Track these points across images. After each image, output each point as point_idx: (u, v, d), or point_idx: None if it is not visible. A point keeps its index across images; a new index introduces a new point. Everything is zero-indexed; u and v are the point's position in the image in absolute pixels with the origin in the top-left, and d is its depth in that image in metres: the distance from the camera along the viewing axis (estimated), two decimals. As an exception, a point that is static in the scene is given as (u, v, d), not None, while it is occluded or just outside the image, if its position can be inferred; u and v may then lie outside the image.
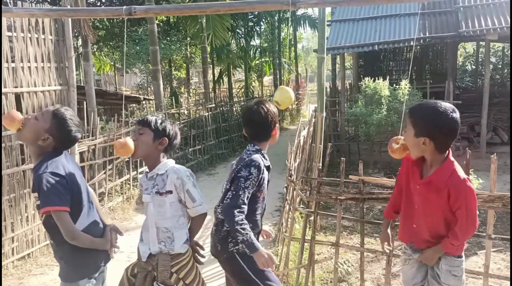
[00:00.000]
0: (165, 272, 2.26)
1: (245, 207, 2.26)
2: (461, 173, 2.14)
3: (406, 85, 7.69)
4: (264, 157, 2.45)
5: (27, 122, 2.21)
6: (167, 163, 2.35)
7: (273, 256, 2.24)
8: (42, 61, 4.77)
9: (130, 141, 2.28)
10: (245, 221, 2.24)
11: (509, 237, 3.10)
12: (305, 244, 3.65)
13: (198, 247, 2.52)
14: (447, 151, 2.17)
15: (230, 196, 2.28)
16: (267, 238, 2.80)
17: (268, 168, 2.47)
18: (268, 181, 2.49)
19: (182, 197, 2.31)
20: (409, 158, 2.32)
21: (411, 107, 2.24)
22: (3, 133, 4.33)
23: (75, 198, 2.21)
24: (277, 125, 2.53)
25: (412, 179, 2.30)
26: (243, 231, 2.20)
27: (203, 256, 2.54)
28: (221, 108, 11.08)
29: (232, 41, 16.57)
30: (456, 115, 2.10)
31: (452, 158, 2.17)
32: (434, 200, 2.19)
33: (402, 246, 2.53)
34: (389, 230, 2.59)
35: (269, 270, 2.38)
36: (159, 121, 2.34)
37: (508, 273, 3.80)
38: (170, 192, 2.28)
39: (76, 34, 7.61)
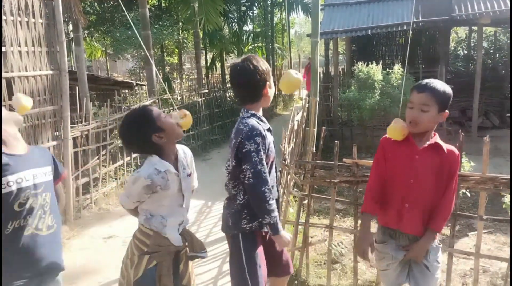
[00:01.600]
0: (200, 240, 2.37)
1: (269, 180, 2.21)
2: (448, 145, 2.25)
3: (399, 69, 7.71)
4: (261, 120, 2.31)
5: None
6: (177, 145, 2.35)
7: (291, 239, 2.26)
8: (33, 46, 4.72)
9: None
10: (274, 202, 2.21)
11: (499, 218, 3.15)
12: (299, 227, 3.69)
13: None
14: None
15: (250, 175, 2.16)
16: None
17: (269, 129, 2.35)
18: (274, 143, 2.38)
19: (193, 174, 2.41)
20: (387, 139, 2.31)
21: (425, 86, 2.14)
22: None
23: None
24: (269, 83, 2.30)
25: (402, 154, 2.23)
26: (271, 214, 2.19)
27: None
28: (214, 94, 11.02)
29: (224, 26, 16.42)
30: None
31: None
32: (437, 168, 2.17)
33: (376, 250, 2.34)
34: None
35: (262, 264, 2.34)
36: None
37: (499, 254, 3.88)
38: (190, 174, 2.35)
39: (66, 19, 7.49)
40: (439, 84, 2.15)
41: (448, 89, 2.16)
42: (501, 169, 6.36)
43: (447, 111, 2.18)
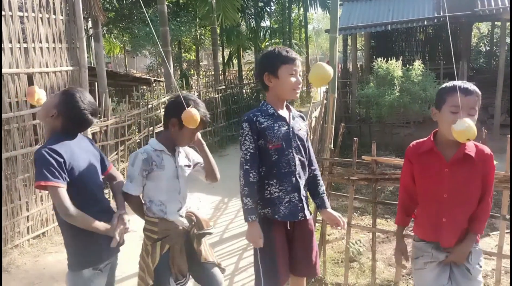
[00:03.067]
0: (205, 218, 2.46)
1: (248, 164, 2.22)
2: (480, 144, 2.13)
3: (419, 65, 7.57)
4: (266, 107, 2.31)
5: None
6: None
7: (258, 240, 2.20)
8: (54, 42, 4.77)
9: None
10: (247, 187, 2.20)
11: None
12: (317, 224, 3.66)
13: None
14: None
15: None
16: (336, 227, 2.46)
17: (273, 116, 2.29)
18: (290, 130, 2.30)
19: (200, 162, 2.52)
20: (413, 151, 2.19)
21: (471, 88, 2.00)
22: (17, 113, 4.36)
23: (74, 184, 2.10)
24: (267, 73, 2.27)
25: (431, 168, 2.11)
26: (241, 198, 2.22)
27: None
28: (231, 90, 11.04)
29: (242, 22, 16.39)
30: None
31: None
32: (470, 178, 2.06)
33: (414, 247, 2.29)
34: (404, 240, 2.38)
35: (277, 253, 2.28)
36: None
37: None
38: (193, 164, 2.49)
39: (86, 16, 7.58)
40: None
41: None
42: (524, 168, 6.21)
43: None
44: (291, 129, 2.32)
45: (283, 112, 2.35)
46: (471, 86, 2.02)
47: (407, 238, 2.56)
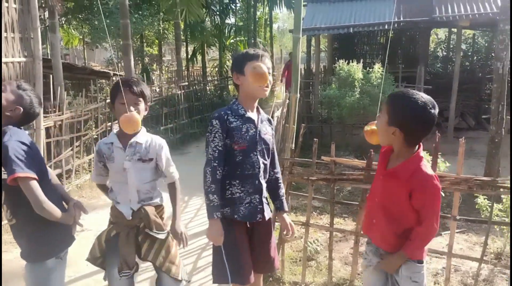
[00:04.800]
0: (157, 220, 2.39)
1: (216, 162, 2.22)
2: (429, 169, 2.01)
3: (379, 69, 7.76)
4: (237, 107, 2.31)
5: None
6: (143, 131, 2.44)
7: (220, 237, 2.21)
8: (6, 31, 4.54)
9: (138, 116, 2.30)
10: (214, 184, 2.20)
11: (472, 218, 3.20)
12: (276, 223, 3.66)
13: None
14: (418, 146, 2.04)
15: (206, 153, 2.29)
16: (287, 235, 2.55)
17: (243, 117, 2.30)
18: (256, 134, 2.32)
19: (161, 164, 2.45)
20: (382, 149, 2.21)
21: (391, 94, 2.09)
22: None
23: (39, 171, 2.12)
24: (236, 72, 2.31)
25: (378, 169, 2.20)
26: (206, 195, 2.21)
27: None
28: (194, 87, 10.91)
29: (206, 19, 16.23)
30: (435, 111, 1.94)
31: (421, 154, 2.03)
32: (394, 194, 2.05)
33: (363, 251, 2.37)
34: None
35: (242, 252, 2.31)
36: (147, 89, 2.44)
37: (470, 253, 3.95)
38: (152, 159, 2.41)
39: (42, 5, 7.27)
40: (407, 100, 1.98)
41: (415, 110, 1.94)
42: (475, 170, 6.48)
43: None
44: (258, 132, 2.35)
45: (253, 114, 2.36)
46: (393, 96, 2.08)
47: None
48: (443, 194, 4.51)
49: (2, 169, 2.04)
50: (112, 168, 2.40)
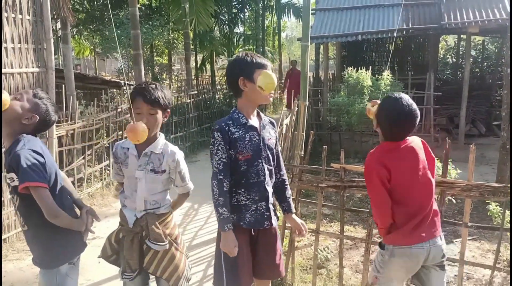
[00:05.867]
0: (156, 229, 2.34)
1: (222, 174, 2.21)
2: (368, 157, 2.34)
3: (388, 75, 7.75)
4: (238, 116, 2.28)
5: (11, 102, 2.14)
6: (160, 140, 2.38)
7: (234, 249, 2.21)
8: (20, 42, 4.63)
9: (145, 127, 2.20)
10: (222, 197, 2.19)
11: (484, 225, 3.18)
12: (286, 231, 3.66)
13: None
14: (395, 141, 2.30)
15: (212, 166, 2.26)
16: (300, 235, 2.54)
17: (245, 126, 2.28)
18: (260, 141, 2.31)
19: (173, 177, 2.41)
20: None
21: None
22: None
23: (51, 180, 2.16)
24: (244, 77, 2.23)
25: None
26: (216, 208, 2.21)
27: None
28: (203, 96, 10.99)
29: (215, 28, 16.38)
30: (409, 108, 2.22)
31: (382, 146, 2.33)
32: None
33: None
34: None
35: (240, 262, 2.30)
36: (166, 96, 2.35)
37: (483, 261, 3.91)
38: (164, 171, 2.36)
39: (55, 16, 7.40)
40: (385, 99, 2.36)
41: (388, 105, 2.31)
42: (486, 177, 6.43)
43: None
44: (261, 139, 2.33)
45: (254, 121, 2.34)
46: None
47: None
48: (454, 201, 4.49)
49: (15, 176, 2.07)
50: (126, 173, 2.40)
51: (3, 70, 4.43)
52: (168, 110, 2.40)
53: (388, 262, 2.30)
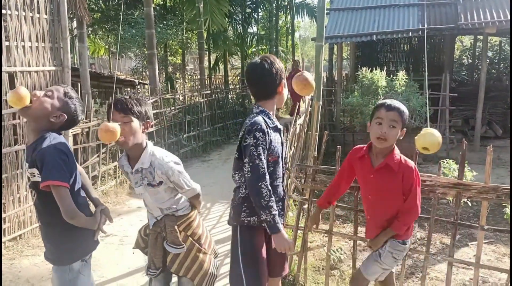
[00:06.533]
0: (173, 232, 2.37)
1: (267, 175, 2.20)
2: (406, 158, 2.43)
3: (403, 76, 7.67)
4: (269, 118, 2.31)
5: (38, 98, 2.15)
6: (147, 152, 2.31)
7: (292, 244, 2.27)
8: (37, 41, 4.70)
9: (117, 127, 2.15)
10: (272, 198, 2.19)
11: (500, 228, 3.12)
12: (299, 231, 3.65)
13: None
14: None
15: (249, 168, 2.17)
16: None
17: (276, 128, 2.34)
18: (282, 144, 2.38)
19: (171, 186, 2.38)
20: (353, 154, 2.54)
21: (391, 105, 2.35)
22: (-4, 113, 4.27)
23: (71, 179, 2.17)
24: (284, 81, 2.34)
25: (361, 172, 2.50)
26: (267, 210, 2.17)
27: None
28: (216, 95, 11.01)
29: (229, 28, 16.41)
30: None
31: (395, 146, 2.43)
32: (390, 184, 2.38)
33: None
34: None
35: (260, 261, 2.33)
36: (141, 105, 2.28)
37: (498, 264, 3.85)
38: (161, 182, 2.33)
39: (71, 16, 7.49)
40: (401, 105, 2.39)
41: (406, 109, 2.40)
42: (503, 179, 6.32)
43: (405, 128, 2.39)
44: (282, 141, 2.40)
45: (278, 123, 2.41)
46: (394, 103, 2.37)
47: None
48: (470, 204, 4.43)
49: (36, 172, 2.09)
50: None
51: (20, 69, 4.50)
52: (148, 120, 2.33)
53: (403, 254, 2.52)
